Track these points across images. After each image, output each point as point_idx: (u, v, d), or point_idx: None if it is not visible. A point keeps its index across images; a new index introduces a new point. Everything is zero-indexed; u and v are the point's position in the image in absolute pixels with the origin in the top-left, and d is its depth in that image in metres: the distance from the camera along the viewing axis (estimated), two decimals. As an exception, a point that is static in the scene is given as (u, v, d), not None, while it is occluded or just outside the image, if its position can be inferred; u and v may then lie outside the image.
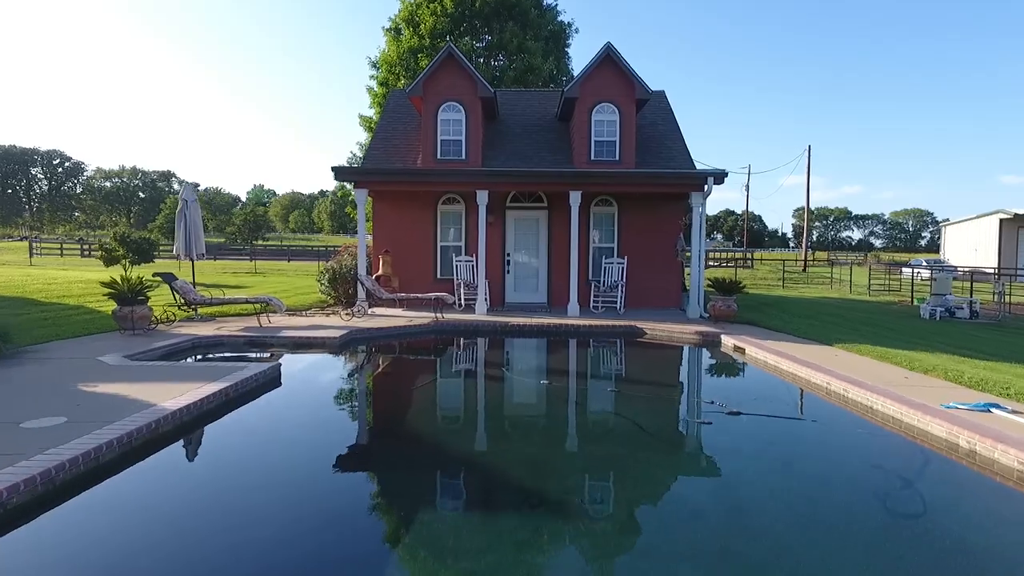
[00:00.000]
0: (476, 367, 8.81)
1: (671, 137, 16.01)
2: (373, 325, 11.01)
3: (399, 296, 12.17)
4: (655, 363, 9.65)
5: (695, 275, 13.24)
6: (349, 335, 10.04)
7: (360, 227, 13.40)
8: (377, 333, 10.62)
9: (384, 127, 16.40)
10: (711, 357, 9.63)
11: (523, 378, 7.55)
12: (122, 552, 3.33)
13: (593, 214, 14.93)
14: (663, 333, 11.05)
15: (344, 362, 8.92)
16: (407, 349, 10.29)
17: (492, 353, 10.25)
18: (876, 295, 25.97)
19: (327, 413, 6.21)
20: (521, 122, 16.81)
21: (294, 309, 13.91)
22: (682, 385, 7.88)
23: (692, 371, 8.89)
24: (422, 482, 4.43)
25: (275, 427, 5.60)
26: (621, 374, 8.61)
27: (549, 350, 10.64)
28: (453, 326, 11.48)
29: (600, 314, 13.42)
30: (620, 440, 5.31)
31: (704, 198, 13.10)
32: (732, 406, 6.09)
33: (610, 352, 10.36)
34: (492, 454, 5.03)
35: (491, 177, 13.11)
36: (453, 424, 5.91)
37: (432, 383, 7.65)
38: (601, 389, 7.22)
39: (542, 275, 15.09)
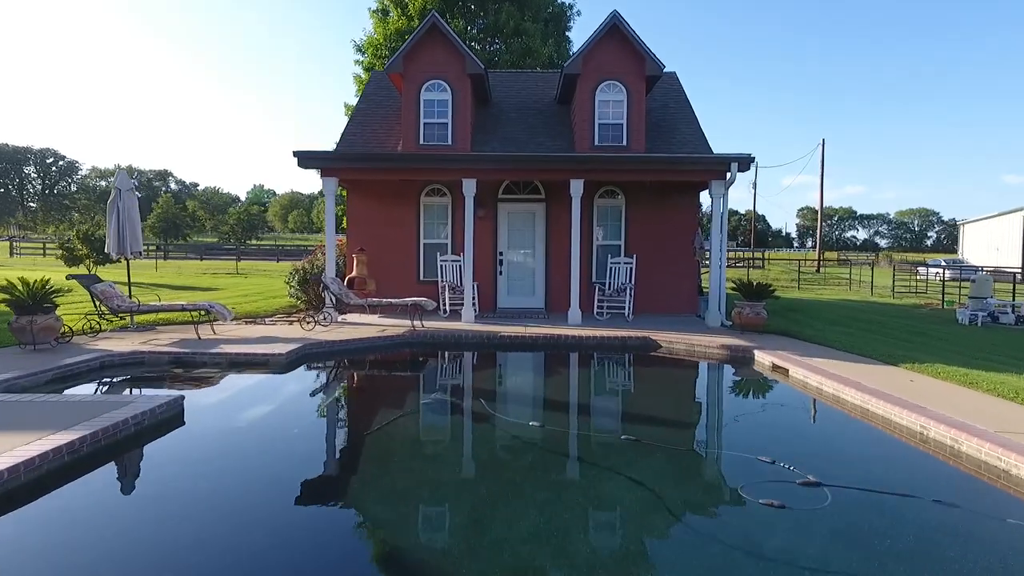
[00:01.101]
0: (449, 399, 6.73)
1: (684, 121, 14.21)
2: (336, 337, 9.22)
3: (370, 302, 10.39)
4: (677, 390, 7.83)
5: (715, 277, 11.44)
6: (301, 351, 8.25)
7: (328, 222, 11.62)
8: (337, 347, 8.83)
9: (362, 111, 14.61)
10: (746, 380, 7.82)
11: (508, 418, 5.64)
12: None
13: (597, 207, 13.13)
14: (682, 346, 9.25)
15: (282, 389, 7.10)
16: (368, 370, 8.50)
17: (474, 375, 8.42)
18: (900, 297, 24.20)
19: (228, 483, 4.33)
20: (516, 106, 15.01)
21: (254, 316, 12.13)
22: (719, 427, 5.92)
23: (725, 403, 7.05)
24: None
25: (134, 510, 3.79)
26: (636, 407, 6.76)
27: (545, 370, 8.84)
28: (432, 337, 9.69)
29: (605, 322, 11.62)
30: (647, 546, 3.45)
31: (726, 187, 11.30)
32: (800, 466, 4.28)
33: (620, 373, 8.56)
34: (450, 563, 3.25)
35: (479, 163, 11.32)
36: (400, 504, 4.08)
37: (385, 427, 5.48)
38: (612, 436, 5.25)
39: (539, 276, 13.30)
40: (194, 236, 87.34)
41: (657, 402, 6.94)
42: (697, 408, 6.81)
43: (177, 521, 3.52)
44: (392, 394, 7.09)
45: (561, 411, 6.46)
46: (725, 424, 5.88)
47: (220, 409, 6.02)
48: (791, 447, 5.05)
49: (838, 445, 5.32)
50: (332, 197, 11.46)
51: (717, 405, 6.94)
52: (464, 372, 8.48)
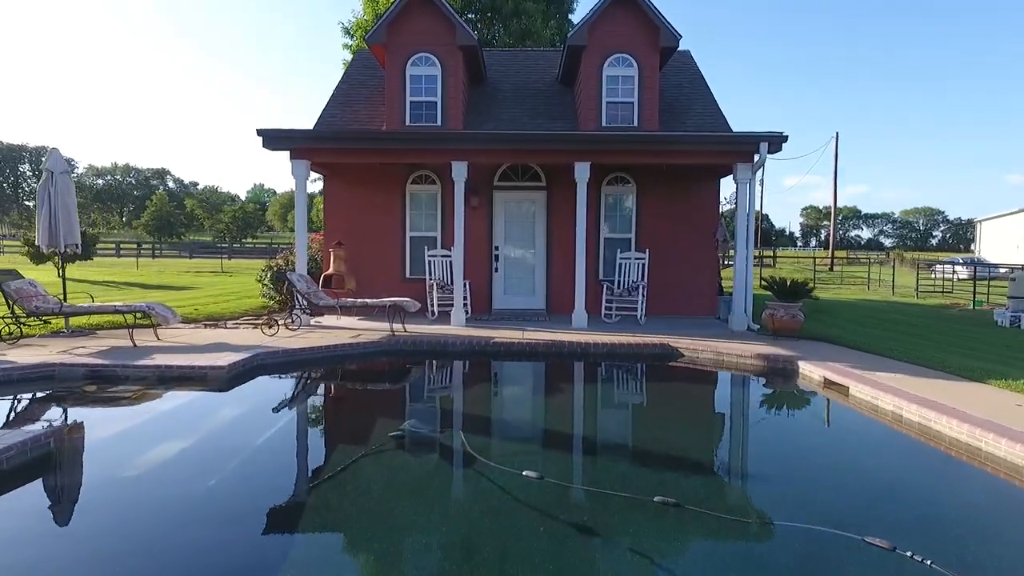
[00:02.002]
0: (424, 430, 5.02)
1: (701, 102, 12.76)
2: (299, 344, 7.79)
3: (342, 302, 8.95)
4: (712, 415, 6.30)
5: (741, 275, 9.99)
6: (250, 362, 6.81)
7: (298, 211, 10.18)
8: (297, 357, 7.40)
9: (343, 91, 13.17)
10: (795, 401, 6.39)
11: (496, 464, 4.14)
12: None
13: (605, 196, 11.69)
14: (709, 355, 7.81)
15: (213, 415, 5.61)
16: (329, 387, 7.06)
17: (456, 396, 6.93)
18: (924, 297, 22.74)
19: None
20: (514, 86, 13.57)
21: (218, 318, 10.71)
22: (786, 478, 4.21)
23: (781, 436, 5.40)
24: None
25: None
26: (664, 444, 5.03)
27: (546, 387, 7.39)
28: (414, 344, 8.25)
29: (615, 325, 10.17)
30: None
31: (754, 171, 9.85)
32: (939, 556, 2.83)
33: (637, 391, 7.13)
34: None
35: (471, 142, 9.87)
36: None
37: (335, 476, 3.93)
38: (640, 495, 3.57)
39: (539, 273, 11.86)
40: (191, 235, 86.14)
41: (691, 436, 5.32)
42: (745, 445, 5.18)
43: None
44: (352, 422, 5.61)
45: (566, 450, 4.93)
46: (792, 474, 4.34)
47: (114, 448, 4.54)
48: (905, 516, 3.54)
49: (971, 513, 3.77)
50: (303, 183, 10.02)
51: (772, 441, 5.27)
52: (447, 390, 7.02)
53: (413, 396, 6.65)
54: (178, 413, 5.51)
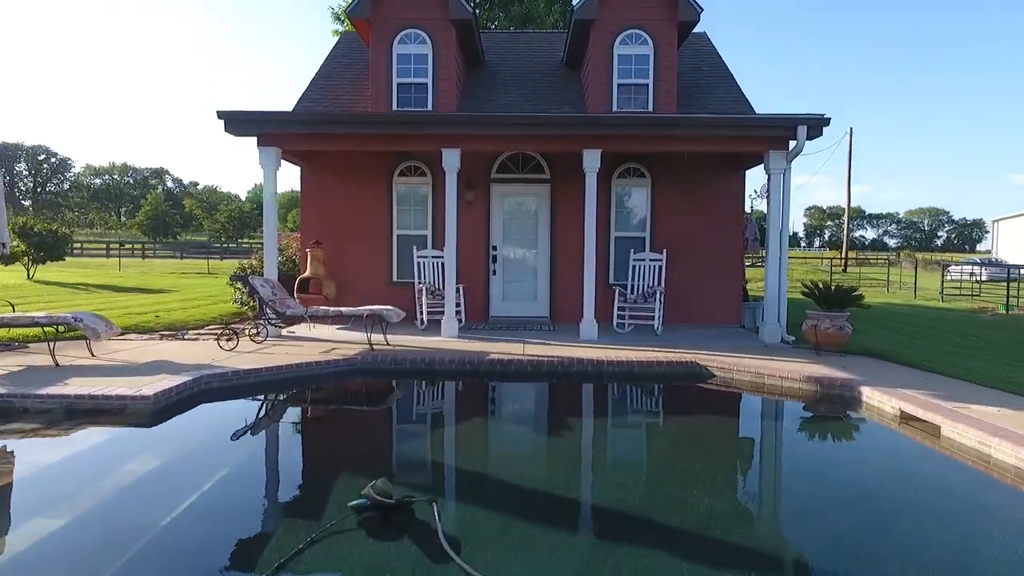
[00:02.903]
0: (394, 499, 3.35)
1: (723, 86, 11.48)
2: (256, 363, 6.52)
3: (311, 311, 7.66)
4: (754, 465, 4.90)
5: (774, 279, 8.71)
6: (190, 387, 5.54)
7: (266, 206, 8.90)
8: (250, 380, 6.12)
9: (325, 75, 11.90)
10: (866, 442, 5.08)
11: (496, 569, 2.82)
12: None
13: (616, 190, 10.42)
14: (746, 377, 6.53)
15: (117, 468, 4.22)
16: (281, 422, 5.69)
17: (442, 438, 5.40)
18: (949, 300, 21.46)
19: None
20: (514, 70, 12.30)
21: (179, 327, 9.45)
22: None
23: (851, 498, 3.85)
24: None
25: None
26: (704, 515, 3.57)
27: (552, 422, 6.02)
28: (395, 362, 6.97)
29: (628, 336, 8.90)
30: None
31: (790, 159, 8.57)
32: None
33: (662, 428, 5.79)
34: None
35: (464, 125, 8.59)
36: None
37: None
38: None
39: (542, 277, 10.59)
40: (189, 235, 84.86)
41: (740, 504, 3.88)
42: (816, 517, 3.60)
43: None
44: (304, 478, 4.27)
45: (581, 527, 3.63)
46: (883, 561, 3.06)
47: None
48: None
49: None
50: (272, 174, 8.74)
51: (851, 512, 3.59)
52: (430, 428, 5.69)
53: (387, 437, 5.36)
54: (80, 463, 4.22)
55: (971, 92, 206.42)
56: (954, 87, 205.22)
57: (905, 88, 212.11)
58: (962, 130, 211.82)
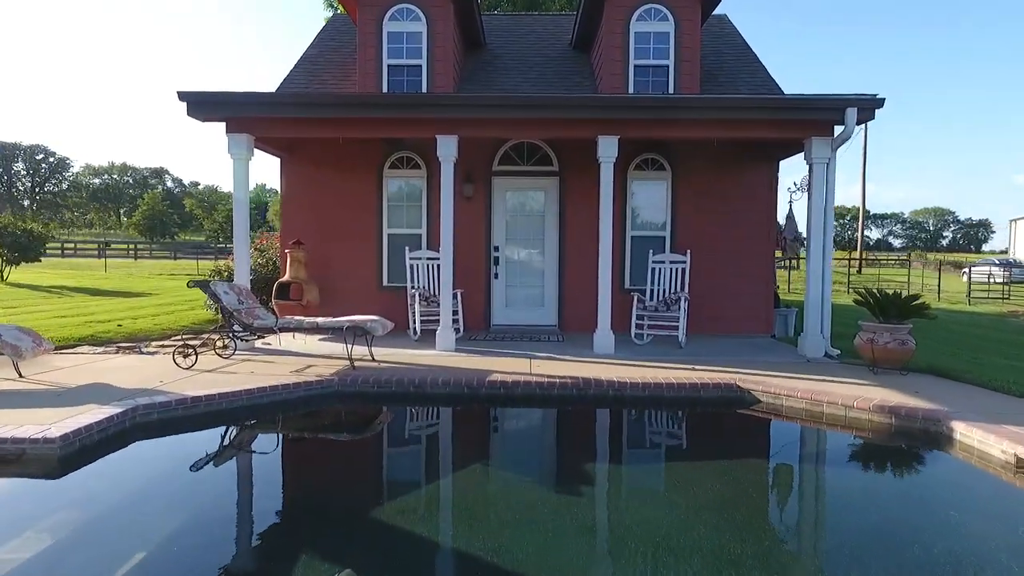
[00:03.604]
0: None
1: (748, 71, 10.38)
2: (210, 388, 5.43)
3: (281, 323, 6.56)
4: (832, 531, 3.87)
5: (816, 285, 7.61)
6: (118, 421, 4.46)
7: (237, 201, 7.81)
8: (198, 409, 5.03)
9: (311, 59, 10.82)
10: (969, 501, 3.97)
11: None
12: None
13: (632, 184, 9.33)
14: (797, 403, 5.42)
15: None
16: (224, 473, 4.54)
17: (427, 499, 4.15)
18: (977, 303, 20.35)
19: None
20: (517, 54, 11.21)
21: (141, 338, 8.41)
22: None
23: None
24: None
25: None
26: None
27: (564, 469, 4.84)
28: (376, 384, 5.87)
29: (647, 348, 7.82)
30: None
31: (835, 147, 7.47)
32: None
33: (701, 476, 4.63)
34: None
35: (460, 108, 7.48)
36: None
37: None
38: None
39: (550, 281, 9.50)
40: (189, 235, 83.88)
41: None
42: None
43: None
44: (249, 567, 3.22)
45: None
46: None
47: None
48: None
49: None
50: (244, 164, 7.66)
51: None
52: (412, 480, 4.51)
53: (360, 494, 4.24)
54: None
55: (973, 91, 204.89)
56: (953, 85, 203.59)
57: (907, 87, 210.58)
58: (962, 129, 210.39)
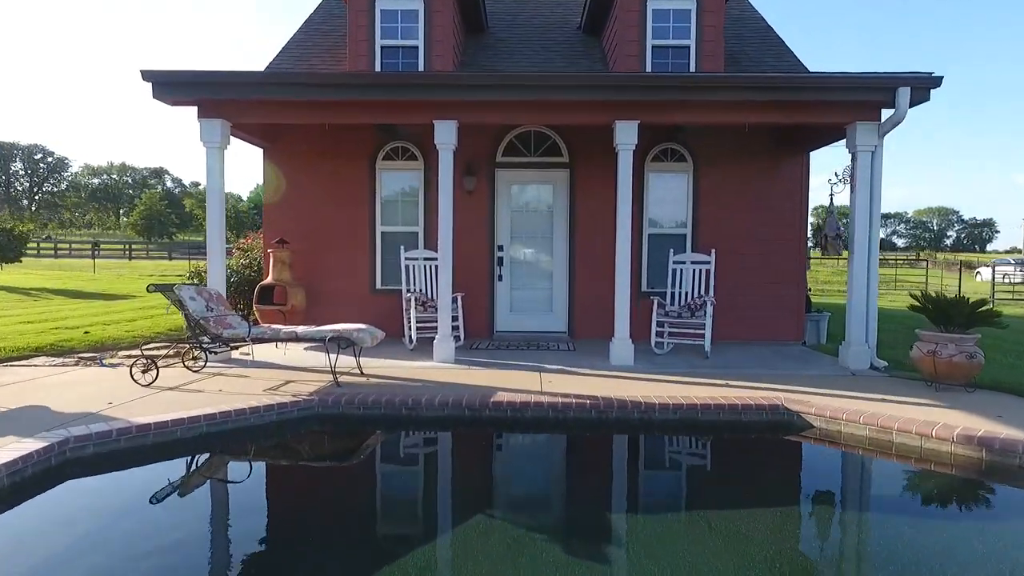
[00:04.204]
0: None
1: (772, 53, 9.54)
2: (166, 412, 4.60)
3: (255, 332, 5.70)
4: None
5: (861, 288, 6.75)
6: (42, 459, 3.62)
7: (210, 195, 6.96)
8: (149, 439, 4.19)
9: (299, 41, 9.99)
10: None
11: None
12: None
13: (649, 178, 8.49)
14: (858, 429, 4.56)
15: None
16: (163, 530, 3.76)
17: (407, 561, 3.36)
18: (1001, 305, 19.49)
19: None
20: (522, 37, 10.38)
21: (109, 346, 7.60)
22: None
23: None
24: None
25: None
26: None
27: (579, 526, 3.94)
28: (361, 405, 5.02)
29: (669, 358, 6.98)
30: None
31: (883, 133, 6.62)
32: None
33: (754, 533, 3.74)
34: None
35: (460, 90, 6.62)
36: None
37: None
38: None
39: (559, 283, 8.66)
40: (188, 235, 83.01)
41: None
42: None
43: None
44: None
45: None
46: None
47: None
48: None
49: None
50: (218, 153, 6.82)
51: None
52: (397, 540, 3.59)
53: (332, 563, 3.40)
54: None
55: (975, 90, 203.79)
56: (962, 84, 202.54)
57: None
58: (962, 129, 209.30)
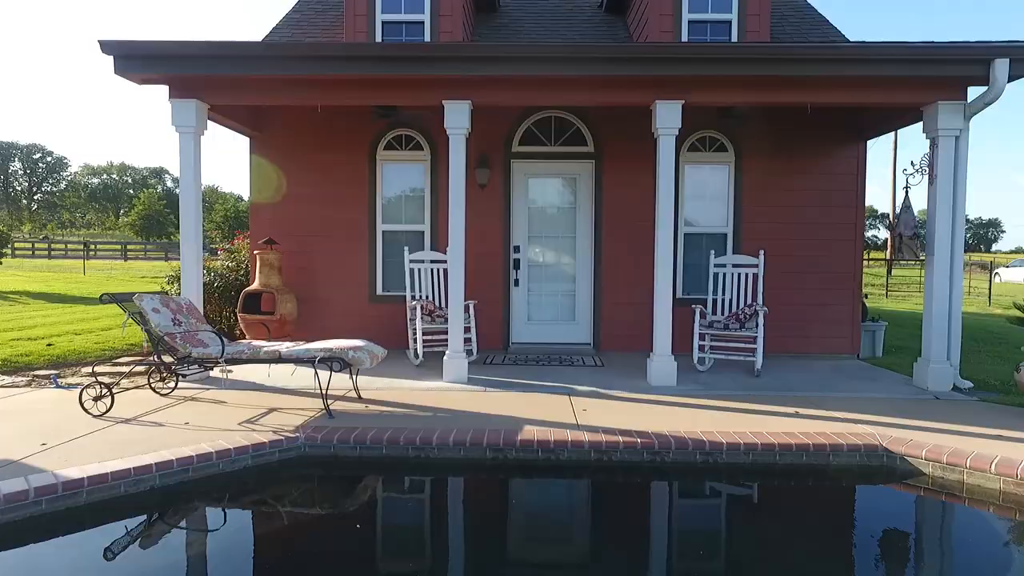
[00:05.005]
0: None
1: (816, 31, 8.57)
2: (111, 462, 3.64)
3: (233, 353, 4.73)
4: None
5: (943, 298, 5.78)
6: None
7: (184, 189, 6.00)
8: (83, 499, 3.24)
9: (292, 21, 9.01)
10: None
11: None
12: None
13: (685, 169, 7.53)
14: (988, 480, 3.60)
15: None
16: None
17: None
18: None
19: None
20: (538, 15, 9.41)
21: (74, 361, 6.66)
22: None
23: None
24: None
25: None
26: None
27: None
28: (358, 444, 4.05)
29: (713, 376, 6.02)
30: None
31: (970, 114, 5.65)
32: None
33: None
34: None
35: (473, 64, 5.63)
36: None
37: None
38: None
39: (583, 289, 7.70)
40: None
41: None
42: None
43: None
44: None
45: None
46: None
47: None
48: None
49: None
50: (193, 139, 5.87)
51: None
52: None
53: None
54: None
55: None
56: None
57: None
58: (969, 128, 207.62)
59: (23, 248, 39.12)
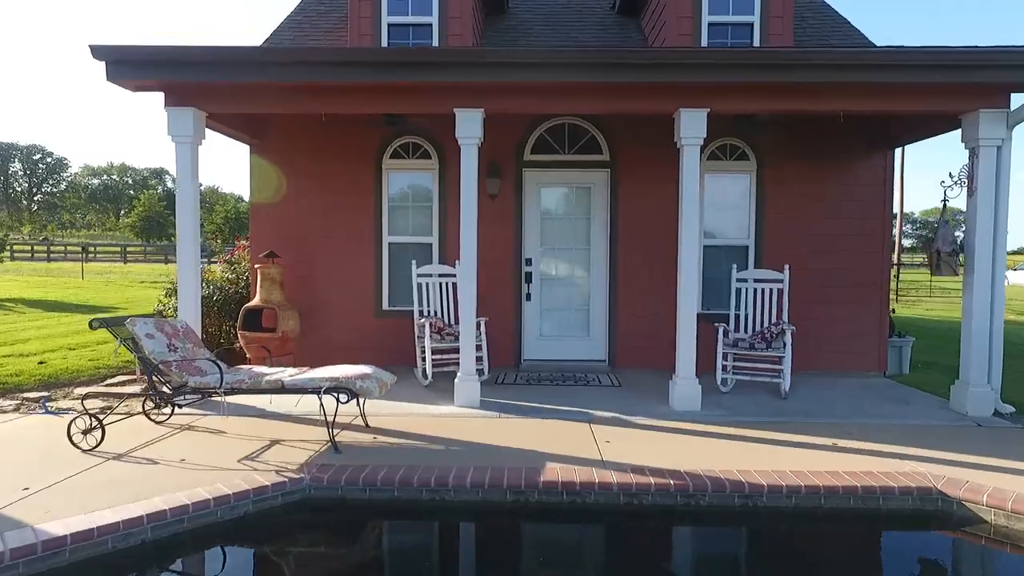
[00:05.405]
0: None
1: (838, 34, 8.25)
2: (99, 514, 3.34)
3: (232, 384, 4.40)
4: None
5: (983, 317, 5.46)
6: None
7: (181, 196, 5.70)
8: (65, 558, 2.94)
9: (293, 23, 8.71)
10: None
11: None
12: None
13: (705, 180, 7.21)
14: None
15: None
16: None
17: None
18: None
19: None
20: (547, 18, 9.10)
21: (65, 382, 6.36)
22: None
23: None
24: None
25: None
26: None
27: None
28: (367, 485, 3.75)
29: (737, 398, 5.71)
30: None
31: (1012, 124, 5.33)
32: None
33: None
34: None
35: (486, 70, 5.31)
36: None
37: None
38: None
39: (598, 304, 7.38)
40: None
41: None
42: None
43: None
44: None
45: None
46: None
47: None
48: None
49: None
50: (190, 150, 5.56)
51: None
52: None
53: None
54: None
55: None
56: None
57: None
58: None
59: (22, 251, 38.90)
